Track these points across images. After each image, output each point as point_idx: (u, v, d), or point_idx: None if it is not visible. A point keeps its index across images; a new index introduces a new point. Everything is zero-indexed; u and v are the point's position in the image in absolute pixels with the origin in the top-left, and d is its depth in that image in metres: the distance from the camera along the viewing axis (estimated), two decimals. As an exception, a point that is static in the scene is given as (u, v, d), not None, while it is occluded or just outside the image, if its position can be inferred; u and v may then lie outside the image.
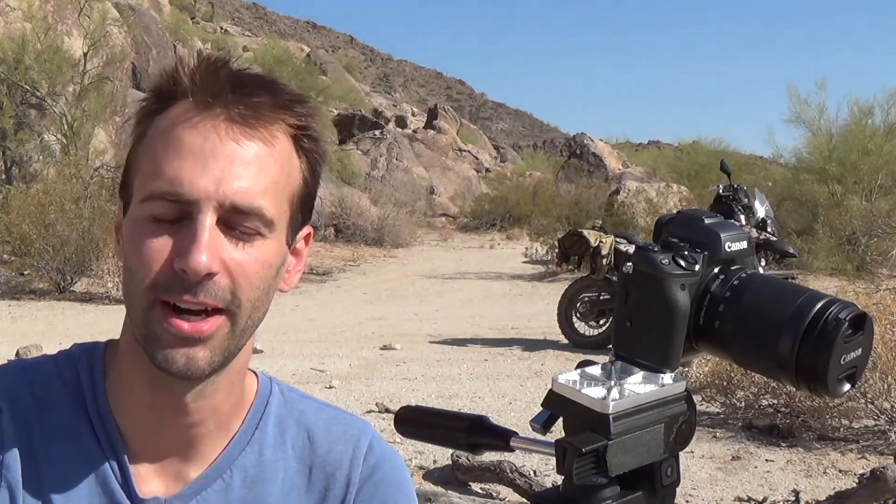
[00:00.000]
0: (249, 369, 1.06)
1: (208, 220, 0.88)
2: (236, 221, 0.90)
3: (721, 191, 9.96)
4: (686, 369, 4.25)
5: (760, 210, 9.80)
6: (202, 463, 1.00)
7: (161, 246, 0.89)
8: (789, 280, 2.46)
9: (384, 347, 8.80)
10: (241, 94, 0.92)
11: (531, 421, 0.79)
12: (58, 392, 0.98)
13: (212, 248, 0.88)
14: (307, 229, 1.02)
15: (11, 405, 0.96)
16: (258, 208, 0.90)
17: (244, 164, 0.90)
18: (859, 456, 5.49)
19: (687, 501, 4.78)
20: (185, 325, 0.89)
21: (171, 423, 0.97)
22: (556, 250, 9.80)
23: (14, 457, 0.94)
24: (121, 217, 0.96)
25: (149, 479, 0.98)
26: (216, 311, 0.90)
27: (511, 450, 0.84)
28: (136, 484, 0.97)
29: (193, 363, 0.90)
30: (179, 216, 0.89)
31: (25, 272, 12.75)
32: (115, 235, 0.97)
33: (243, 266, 0.90)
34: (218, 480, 1.00)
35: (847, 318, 0.74)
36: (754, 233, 9.14)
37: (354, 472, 1.05)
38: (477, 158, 35.68)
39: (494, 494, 4.76)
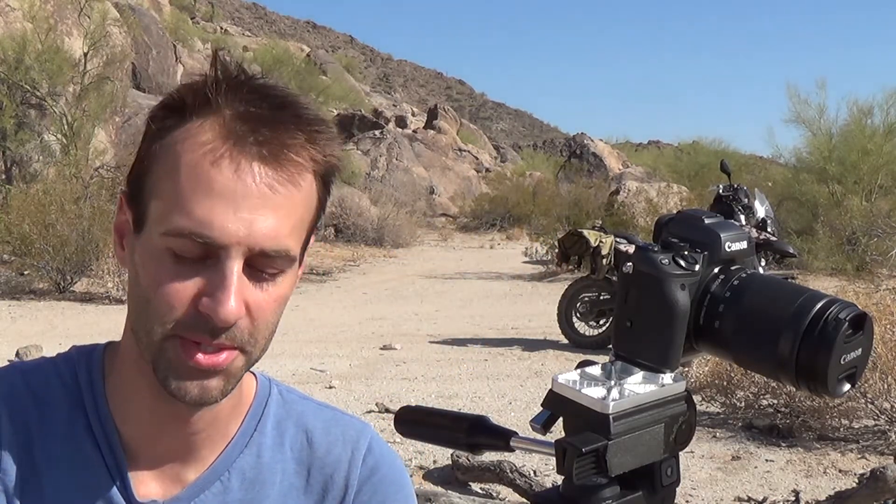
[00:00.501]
0: (249, 370, 1.06)
1: (237, 266, 0.87)
2: (262, 264, 0.89)
3: (721, 191, 9.97)
4: (686, 369, 4.25)
5: (760, 210, 9.80)
6: (200, 466, 1.00)
7: (185, 286, 0.87)
8: (789, 280, 2.46)
9: (384, 347, 8.80)
10: (273, 129, 0.89)
11: (531, 421, 0.79)
12: (57, 394, 0.98)
13: (239, 296, 0.87)
14: (311, 238, 1.01)
15: (10, 408, 0.96)
16: (285, 250, 0.89)
17: (274, 207, 0.88)
18: (859, 456, 5.49)
19: (687, 501, 4.78)
20: (202, 359, 0.88)
21: (172, 430, 0.97)
22: (556, 250, 9.80)
23: (10, 460, 0.94)
24: (122, 220, 0.94)
25: (147, 482, 0.98)
26: (232, 348, 0.90)
27: (511, 450, 0.84)
28: (133, 487, 0.96)
29: (207, 392, 0.90)
30: (203, 256, 0.87)
31: (25, 272, 12.75)
32: (115, 237, 0.96)
33: (263, 308, 0.90)
34: (216, 483, 1.00)
35: (847, 318, 0.74)
36: (754, 233, 9.14)
37: (353, 473, 1.05)
38: (477, 158, 35.68)
39: (494, 494, 4.76)
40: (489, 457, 4.72)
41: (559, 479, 0.76)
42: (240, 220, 0.86)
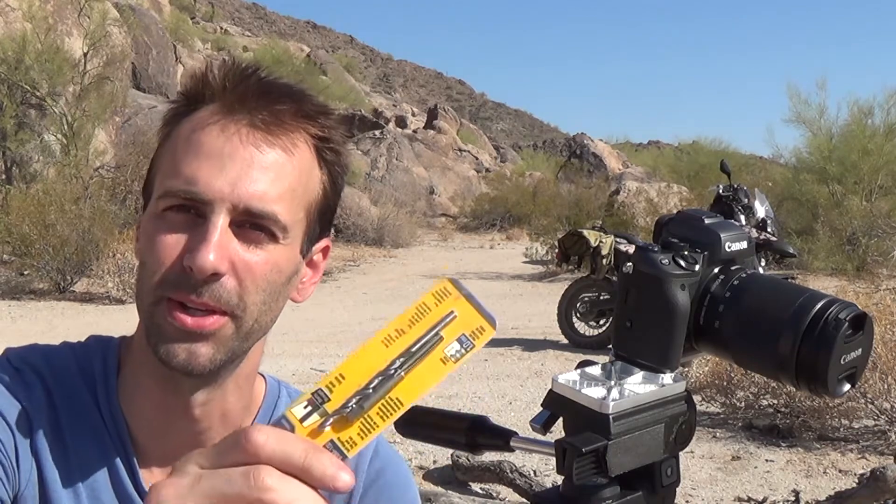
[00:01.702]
0: (259, 373, 1.06)
1: (220, 220, 0.89)
2: (249, 224, 0.90)
3: (721, 191, 9.96)
4: (686, 369, 4.25)
5: (760, 210, 9.80)
6: None
7: (173, 242, 0.89)
8: (789, 280, 2.47)
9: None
10: (266, 100, 0.92)
11: (531, 421, 0.79)
12: (76, 381, 0.99)
13: (221, 248, 0.88)
14: (325, 242, 1.02)
15: (40, 383, 0.97)
16: (272, 213, 0.91)
17: (262, 168, 0.90)
18: (859, 456, 5.49)
19: (687, 501, 4.78)
20: (188, 320, 0.89)
21: (180, 425, 0.98)
22: (556, 250, 9.80)
23: (40, 430, 0.95)
24: (142, 215, 0.97)
25: (156, 475, 0.99)
26: (221, 313, 0.91)
27: (511, 450, 0.84)
28: (144, 481, 0.97)
29: (195, 358, 0.90)
30: (194, 215, 0.90)
31: (25, 272, 12.75)
32: (136, 233, 0.98)
33: (251, 267, 0.91)
34: None
35: (847, 318, 0.74)
36: (754, 233, 9.13)
37: (359, 476, 1.05)
38: (477, 158, 35.69)
39: (494, 494, 4.76)
40: (489, 457, 4.72)
41: (559, 479, 0.76)
42: (225, 178, 0.89)
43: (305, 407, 0.59)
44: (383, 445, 1.09)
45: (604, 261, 8.65)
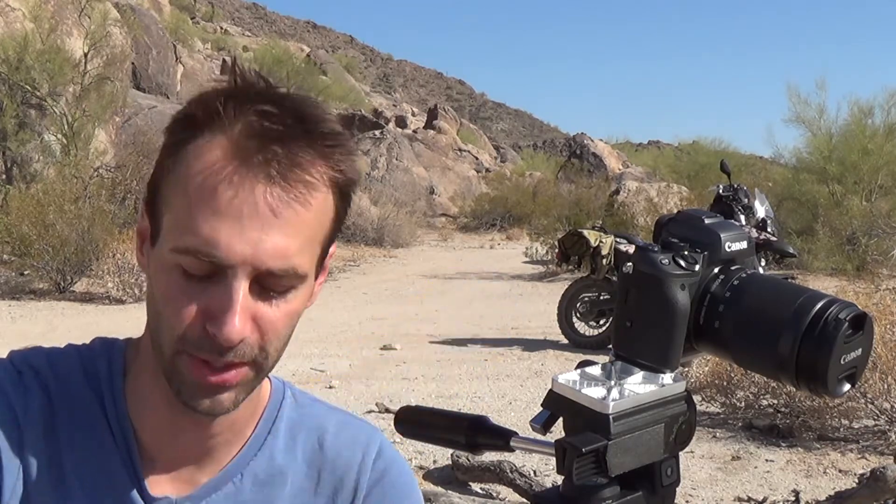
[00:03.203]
0: None
1: (243, 285, 0.87)
2: (270, 283, 0.89)
3: (721, 191, 9.97)
4: (686, 369, 4.25)
5: (760, 210, 9.80)
6: (214, 467, 1.01)
7: (193, 304, 0.88)
8: (789, 280, 2.46)
9: (384, 347, 8.80)
10: (281, 142, 0.87)
11: (531, 421, 0.79)
12: (80, 384, 0.99)
13: (245, 315, 0.87)
14: (333, 248, 1.00)
15: (38, 388, 0.96)
16: (292, 268, 0.89)
17: (281, 226, 0.87)
18: (859, 456, 5.49)
19: (687, 501, 4.78)
20: (210, 378, 0.89)
21: (190, 435, 0.99)
22: (556, 250, 9.80)
23: (34, 439, 0.94)
24: (143, 226, 0.94)
25: (161, 480, 0.99)
26: (243, 364, 0.91)
27: (511, 450, 0.84)
28: (147, 484, 0.97)
29: (219, 405, 0.91)
30: (211, 273, 0.87)
31: (25, 272, 12.75)
32: (137, 241, 0.96)
33: (274, 323, 0.90)
34: (228, 484, 1.01)
35: (847, 318, 0.74)
36: (754, 233, 9.14)
37: (363, 477, 1.05)
38: (477, 158, 35.68)
39: (494, 494, 4.76)
40: (489, 457, 4.72)
41: (559, 479, 0.76)
42: (246, 240, 0.86)
43: None
44: (387, 447, 1.09)
45: (604, 261, 8.66)
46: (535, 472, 4.85)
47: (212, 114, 0.88)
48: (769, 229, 9.66)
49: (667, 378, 0.77)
